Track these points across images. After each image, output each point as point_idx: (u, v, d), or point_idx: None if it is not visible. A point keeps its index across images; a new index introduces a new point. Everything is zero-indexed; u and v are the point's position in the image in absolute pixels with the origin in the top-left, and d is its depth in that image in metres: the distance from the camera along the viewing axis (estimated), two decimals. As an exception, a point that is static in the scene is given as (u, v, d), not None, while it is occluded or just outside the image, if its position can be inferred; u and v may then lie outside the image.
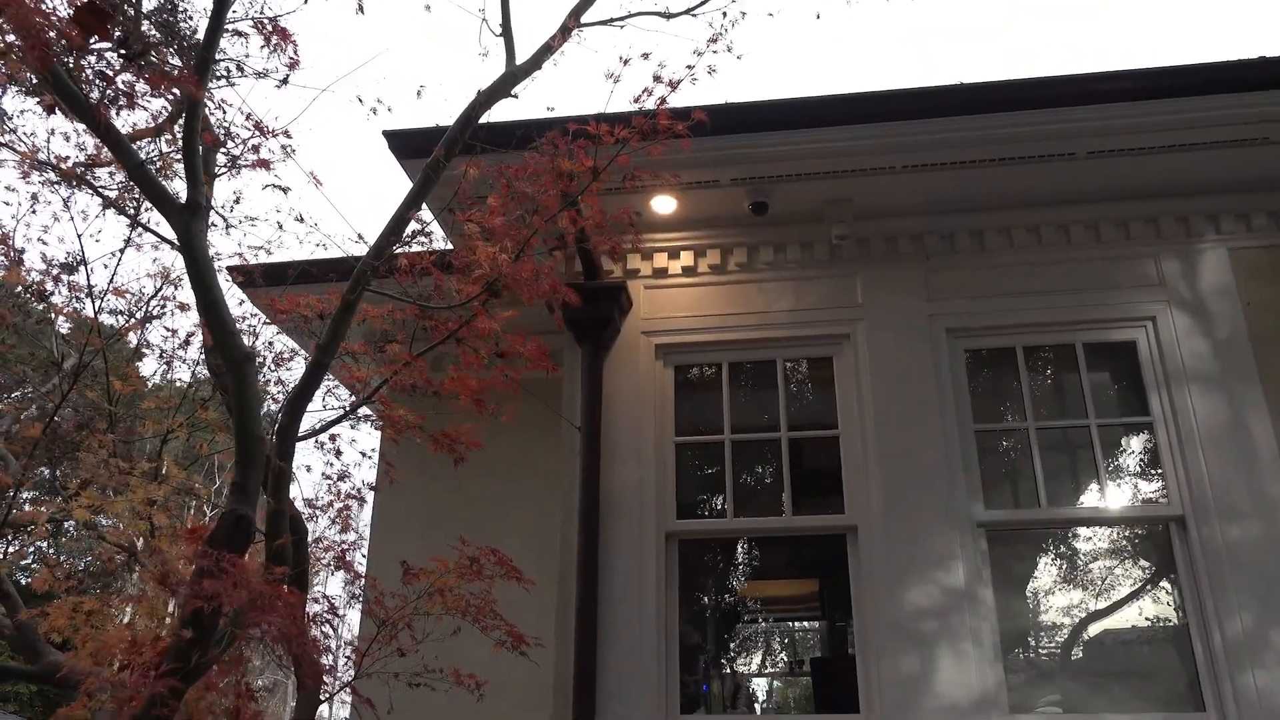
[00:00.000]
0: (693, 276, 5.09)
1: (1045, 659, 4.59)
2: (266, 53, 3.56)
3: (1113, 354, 4.80)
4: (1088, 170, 4.64)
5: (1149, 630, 4.55)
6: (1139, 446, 4.70)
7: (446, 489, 5.82)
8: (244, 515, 2.73)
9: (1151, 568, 4.60)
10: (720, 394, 4.96)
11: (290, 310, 3.54)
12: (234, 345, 2.97)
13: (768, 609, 12.02)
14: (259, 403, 3.00)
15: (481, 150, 3.52)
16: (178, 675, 2.41)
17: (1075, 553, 4.78)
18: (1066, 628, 4.66)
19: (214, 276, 3.00)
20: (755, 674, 13.84)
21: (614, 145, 3.32)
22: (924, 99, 4.40)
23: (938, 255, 4.94)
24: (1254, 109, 4.28)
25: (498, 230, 3.14)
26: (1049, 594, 4.69)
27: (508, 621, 4.07)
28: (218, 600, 2.42)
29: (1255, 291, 4.64)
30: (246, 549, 2.75)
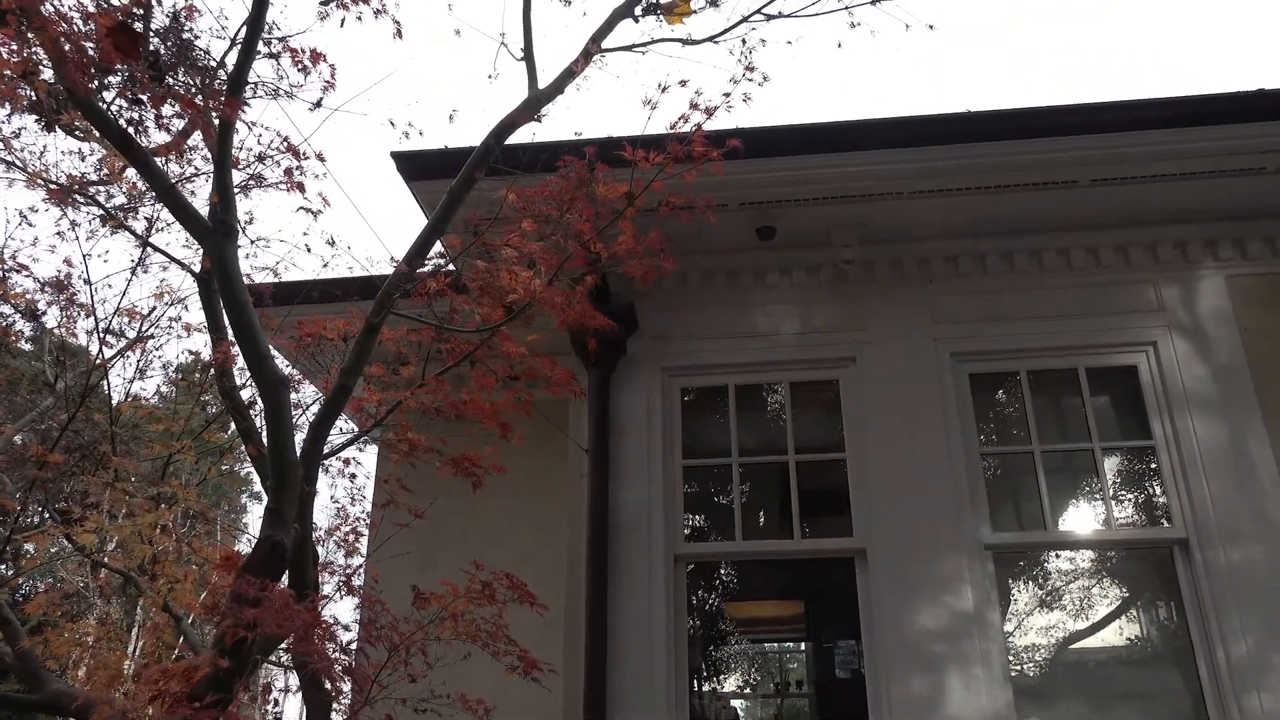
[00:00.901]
0: (700, 299, 5.11)
1: (1052, 680, 4.62)
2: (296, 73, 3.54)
3: (1115, 378, 4.86)
4: (1089, 197, 4.71)
5: (1154, 652, 4.60)
6: (1142, 470, 4.77)
7: (446, 512, 5.78)
8: (279, 541, 2.70)
9: (1156, 590, 4.66)
10: (727, 416, 4.98)
11: (315, 333, 3.51)
12: (269, 369, 2.94)
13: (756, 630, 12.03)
14: (293, 427, 2.97)
15: (505, 173, 3.53)
16: (217, 706, 2.37)
17: (1081, 575, 4.82)
18: (1073, 649, 4.70)
19: (247, 299, 2.97)
20: (743, 695, 13.82)
21: (651, 169, 3.34)
22: (932, 127, 4.46)
23: (942, 279, 5.00)
24: (1253, 140, 4.38)
25: (533, 254, 3.14)
26: (1055, 616, 4.73)
27: (520, 647, 4.04)
28: (258, 629, 2.38)
29: (1252, 318, 4.73)
30: (282, 575, 2.72)
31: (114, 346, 5.68)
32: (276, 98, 3.43)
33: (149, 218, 4.77)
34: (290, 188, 3.59)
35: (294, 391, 5.17)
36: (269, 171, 3.73)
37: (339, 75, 3.62)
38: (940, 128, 4.43)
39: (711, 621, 11.29)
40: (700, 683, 9.94)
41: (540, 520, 5.78)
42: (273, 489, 2.87)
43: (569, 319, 3.30)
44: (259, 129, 3.90)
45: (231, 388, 3.72)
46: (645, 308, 5.05)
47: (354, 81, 7.01)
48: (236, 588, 2.47)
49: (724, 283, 5.13)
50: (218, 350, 3.66)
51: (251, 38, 3.00)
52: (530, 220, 3.24)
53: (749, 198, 4.66)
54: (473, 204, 3.66)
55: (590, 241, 3.27)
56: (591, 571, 4.52)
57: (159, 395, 8.06)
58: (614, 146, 3.49)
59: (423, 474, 4.63)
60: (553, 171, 3.47)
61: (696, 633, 10.51)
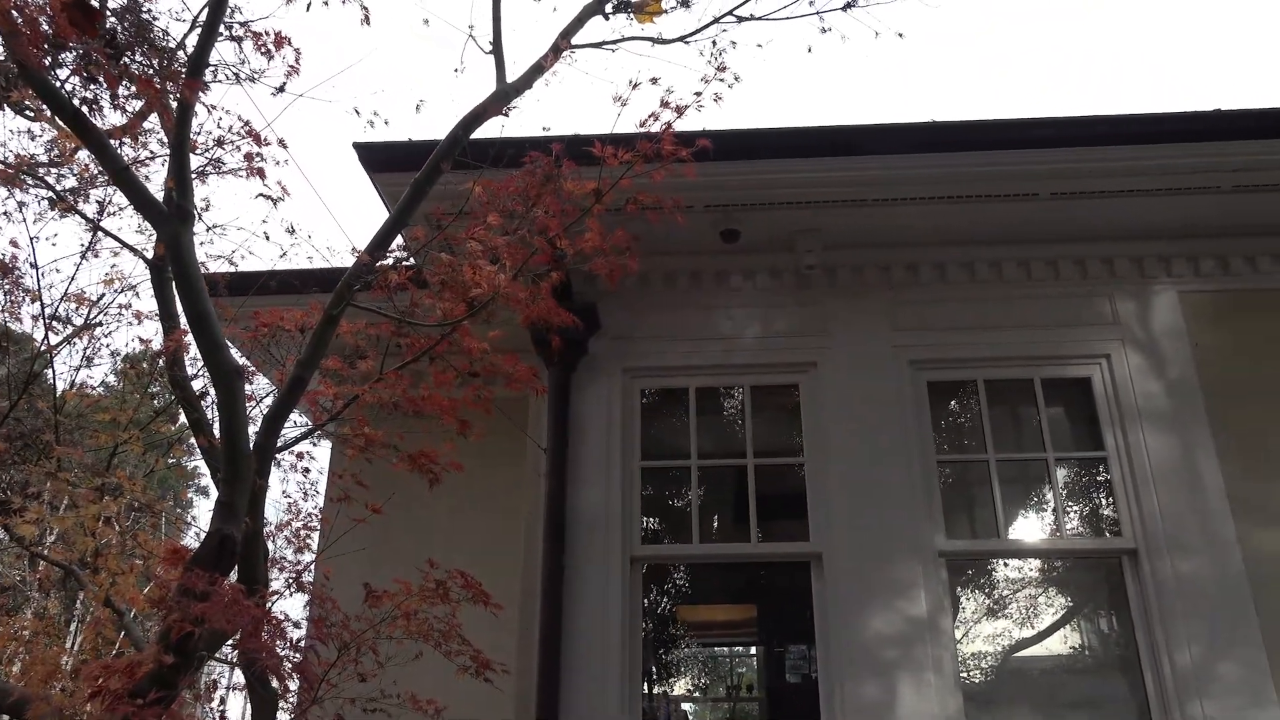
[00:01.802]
0: (663, 300, 5.10)
1: (1001, 687, 4.67)
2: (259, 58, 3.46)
3: (1069, 390, 4.93)
4: (1049, 210, 4.78)
5: (1102, 660, 4.67)
6: (1094, 481, 4.84)
7: (401, 509, 5.70)
8: (229, 535, 2.63)
9: (1105, 600, 4.73)
10: (687, 418, 4.97)
11: (272, 324, 3.43)
12: (224, 359, 2.86)
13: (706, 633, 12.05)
14: (247, 419, 2.90)
15: (471, 167, 3.48)
16: (160, 703, 2.30)
17: (1032, 583, 4.88)
18: (1023, 657, 4.75)
19: (203, 287, 2.89)
20: (695, 699, 13.82)
21: (619, 167, 3.31)
22: (894, 135, 4.49)
23: (902, 287, 5.03)
24: (1209, 159, 4.46)
25: (499, 248, 3.10)
26: (1006, 623, 4.78)
27: (474, 647, 3.99)
28: (206, 625, 2.31)
29: (1204, 334, 4.82)
30: (231, 570, 2.65)
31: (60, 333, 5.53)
32: (239, 82, 3.35)
33: (101, 201, 4.65)
34: (250, 173, 3.52)
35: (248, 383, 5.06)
36: (229, 157, 3.65)
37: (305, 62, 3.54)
38: (903, 137, 4.46)
39: (665, 624, 11.28)
40: (652, 685, 9.92)
41: (497, 520, 5.73)
42: (224, 482, 2.79)
43: (533, 315, 3.27)
44: (219, 113, 3.81)
45: (183, 378, 3.63)
46: (608, 307, 5.02)
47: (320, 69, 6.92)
48: (184, 582, 2.40)
49: (687, 284, 5.12)
50: (169, 339, 3.57)
51: (213, 18, 2.92)
52: (496, 214, 3.19)
53: (714, 200, 4.65)
54: (437, 197, 3.61)
55: (556, 238, 3.23)
56: (547, 572, 4.48)
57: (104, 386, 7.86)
58: (582, 143, 3.46)
59: (378, 470, 4.56)
60: (519, 167, 3.43)
61: (649, 635, 10.50)
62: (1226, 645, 4.23)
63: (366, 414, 4.47)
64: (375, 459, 3.78)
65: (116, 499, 4.93)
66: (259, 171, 3.51)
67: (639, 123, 3.32)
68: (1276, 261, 4.93)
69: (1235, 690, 4.15)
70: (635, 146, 3.34)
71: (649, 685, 9.49)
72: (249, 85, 3.42)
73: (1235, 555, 4.37)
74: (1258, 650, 4.20)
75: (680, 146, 3.35)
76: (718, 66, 3.45)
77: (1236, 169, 4.49)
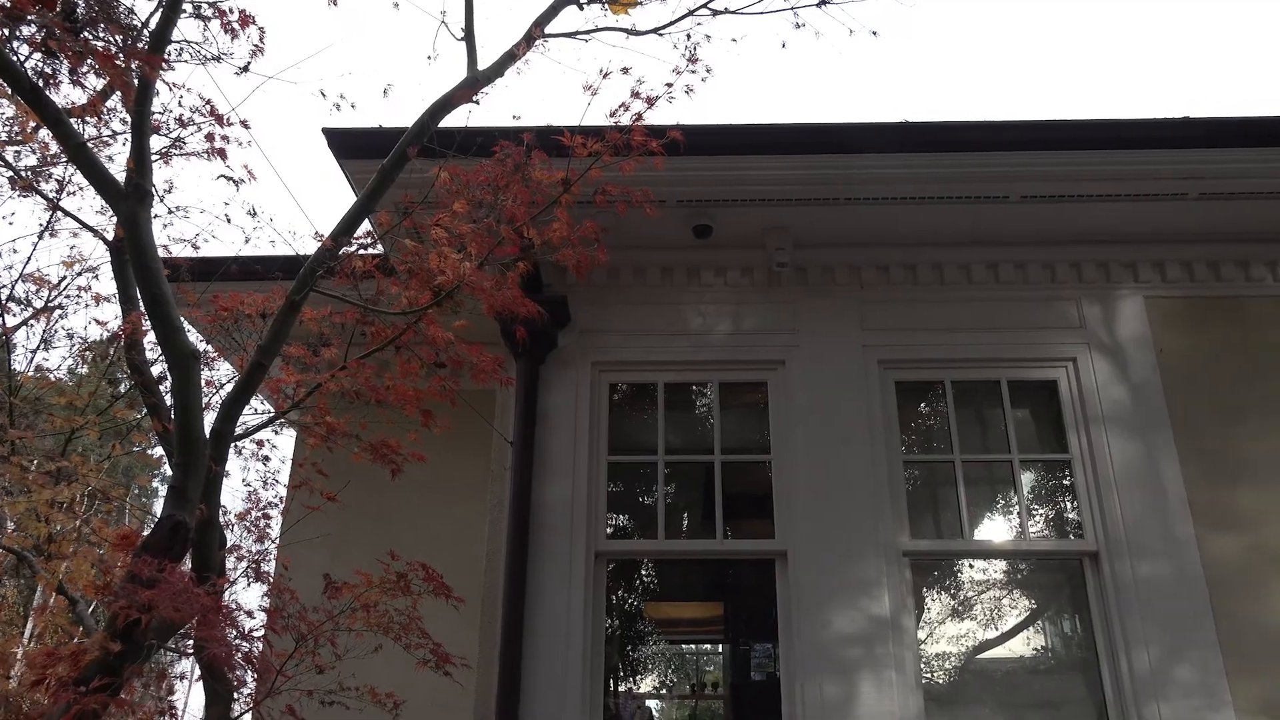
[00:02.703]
0: (633, 294, 5.08)
1: (962, 687, 4.69)
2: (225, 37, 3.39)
3: (1035, 392, 4.96)
4: (1018, 213, 4.80)
5: (1062, 661, 4.70)
6: (1057, 483, 4.87)
7: (364, 500, 5.65)
8: (181, 521, 2.58)
9: (1067, 601, 4.76)
10: (655, 414, 4.95)
11: (231, 308, 3.37)
12: (179, 343, 2.81)
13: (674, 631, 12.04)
14: (202, 404, 2.84)
15: (440, 154, 3.44)
16: (105, 691, 2.25)
17: (994, 584, 4.90)
18: (984, 657, 4.77)
19: (160, 269, 2.83)
20: (660, 695, 13.82)
21: (587, 158, 3.28)
22: (866, 134, 4.49)
23: (872, 287, 5.04)
24: (1173, 166, 4.51)
25: (465, 236, 3.06)
26: (968, 623, 4.80)
27: (433, 640, 3.95)
28: (154, 612, 2.26)
29: (1168, 339, 4.87)
30: (182, 557, 2.59)
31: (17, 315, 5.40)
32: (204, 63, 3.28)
33: (60, 180, 4.55)
34: (211, 154, 3.45)
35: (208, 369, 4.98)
36: (192, 138, 3.58)
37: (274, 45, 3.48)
38: (875, 137, 4.46)
39: (630, 620, 11.26)
40: (616, 682, 9.90)
41: (461, 512, 5.68)
42: (178, 467, 2.74)
43: (498, 304, 3.23)
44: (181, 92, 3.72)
45: (141, 362, 3.55)
46: (578, 301, 4.99)
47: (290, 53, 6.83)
48: (132, 568, 2.35)
49: (659, 279, 5.10)
50: (127, 321, 3.50)
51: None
52: (463, 202, 3.15)
53: (686, 195, 4.64)
54: (404, 185, 3.56)
55: (523, 227, 3.20)
56: (510, 566, 4.44)
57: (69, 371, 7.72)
58: (553, 133, 3.43)
59: (341, 461, 4.50)
60: (489, 156, 3.39)
61: (615, 631, 10.47)
62: (1183, 647, 4.27)
63: (331, 403, 4.42)
64: (338, 448, 3.73)
65: (71, 485, 4.83)
66: (220, 152, 3.45)
67: (609, 113, 3.30)
68: (1240, 268, 4.99)
69: (1191, 692, 4.19)
70: (605, 137, 3.32)
71: (615, 682, 9.47)
72: (214, 66, 3.36)
73: (1194, 558, 4.42)
74: (1214, 652, 4.25)
75: (650, 138, 3.33)
76: (689, 58, 3.42)
77: (1203, 176, 4.54)
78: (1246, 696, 4.18)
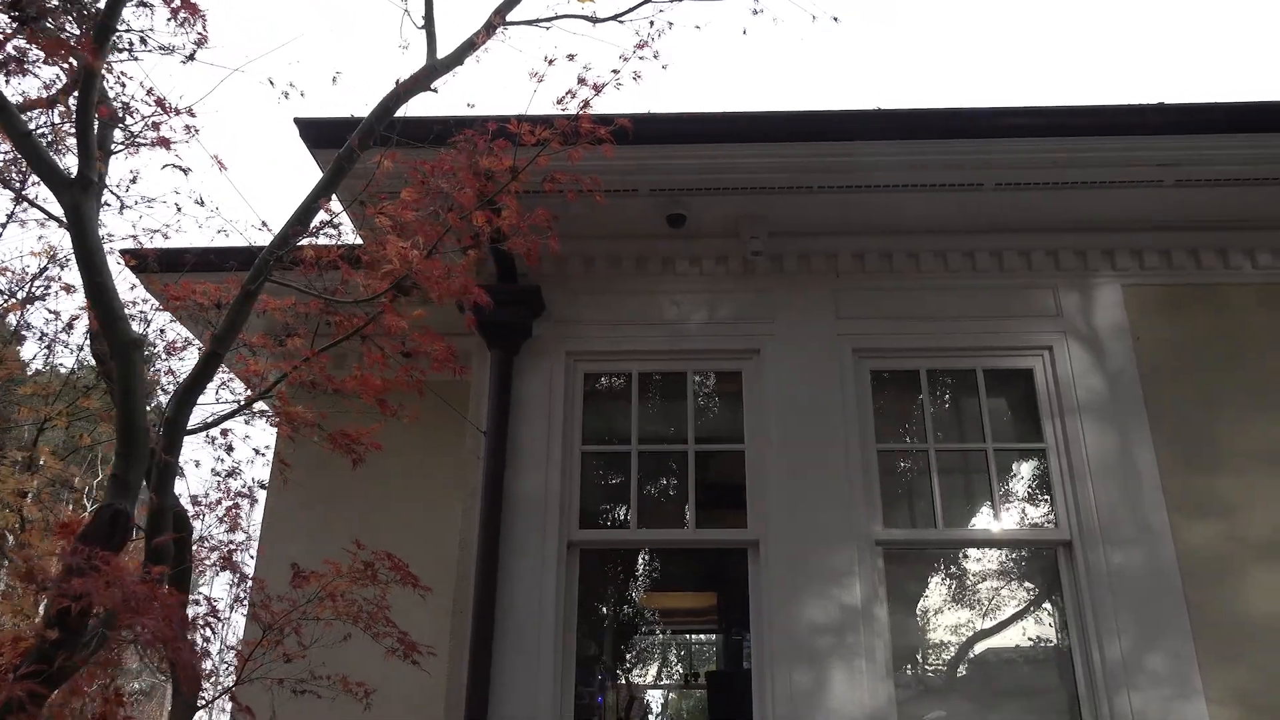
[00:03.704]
0: (608, 284, 5.06)
1: (935, 676, 4.68)
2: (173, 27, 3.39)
3: (1011, 381, 4.94)
4: (994, 201, 4.77)
5: (1035, 650, 4.68)
6: (1032, 472, 4.85)
7: (342, 490, 5.66)
8: (121, 510, 2.58)
9: (1040, 590, 4.74)
10: (629, 403, 4.94)
11: (184, 297, 3.37)
12: (121, 331, 2.81)
13: (667, 620, 12.03)
14: (146, 392, 2.84)
15: (398, 144, 3.43)
16: (40, 678, 2.25)
17: (968, 573, 4.89)
18: (957, 646, 4.76)
19: (103, 258, 2.83)
20: (651, 686, 13.82)
21: (534, 146, 3.27)
22: (838, 122, 4.46)
23: (848, 275, 5.02)
24: (1149, 153, 4.47)
25: (410, 225, 3.05)
26: (941, 613, 4.79)
27: (400, 629, 3.95)
28: (87, 600, 2.27)
29: (1145, 327, 4.83)
30: (124, 546, 2.60)
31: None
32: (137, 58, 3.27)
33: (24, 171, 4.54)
34: (156, 143, 3.44)
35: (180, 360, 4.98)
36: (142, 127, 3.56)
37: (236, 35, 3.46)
38: (846, 124, 4.44)
39: (622, 611, 11.26)
40: (603, 671, 9.89)
41: (443, 504, 5.68)
42: (119, 455, 2.73)
43: (447, 292, 3.22)
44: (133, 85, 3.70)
45: (104, 352, 3.55)
46: (552, 291, 4.98)
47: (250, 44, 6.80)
48: (68, 557, 2.36)
49: (632, 269, 5.08)
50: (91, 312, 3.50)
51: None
52: (410, 190, 3.14)
53: (658, 184, 4.62)
54: (363, 174, 3.55)
55: (471, 214, 3.18)
56: (482, 555, 4.44)
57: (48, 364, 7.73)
58: (504, 122, 3.41)
59: (321, 454, 4.51)
60: (444, 144, 3.38)
61: (607, 623, 10.48)
62: (1156, 637, 4.25)
63: (299, 394, 4.43)
64: (303, 439, 3.73)
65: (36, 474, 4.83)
66: (164, 141, 3.44)
67: (556, 100, 3.28)
68: (1219, 256, 4.95)
69: (1162, 681, 4.18)
70: (554, 125, 3.30)
71: (604, 673, 9.47)
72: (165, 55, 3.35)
73: (1168, 548, 4.40)
74: (1186, 641, 4.23)
75: (599, 125, 3.31)
76: (638, 44, 3.40)
77: (1178, 163, 4.50)
78: (1218, 685, 4.16)
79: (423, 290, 3.19)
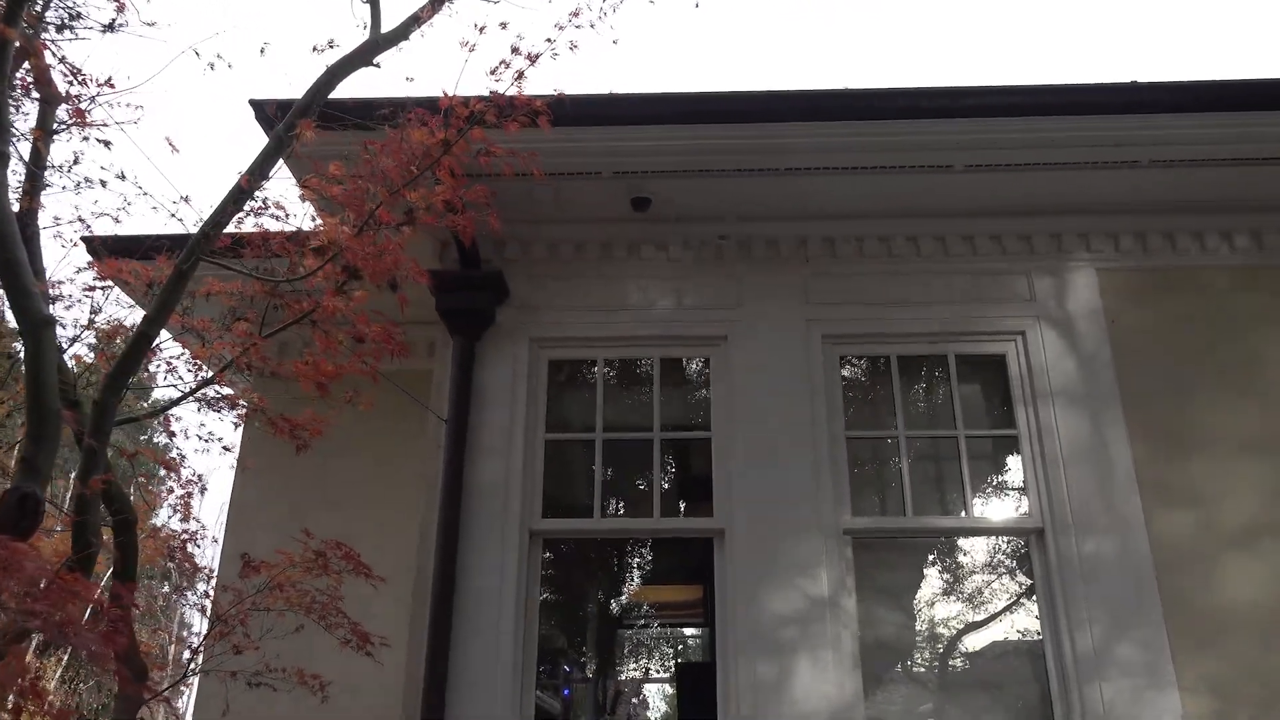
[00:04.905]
0: (573, 269, 4.97)
1: (903, 669, 4.59)
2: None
3: (983, 367, 4.84)
4: (965, 184, 4.67)
5: (1005, 640, 4.59)
6: (1005, 459, 4.75)
7: (309, 481, 5.58)
8: (29, 494, 2.49)
9: (1012, 580, 4.65)
10: (594, 391, 4.85)
11: (111, 276, 3.29)
12: (32, 309, 2.72)
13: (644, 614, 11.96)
14: (57, 372, 2.76)
15: (339, 122, 3.34)
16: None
17: (939, 563, 4.80)
18: (927, 637, 4.67)
19: (14, 232, 2.75)
20: (623, 680, 13.73)
21: (467, 120, 3.17)
22: (797, 101, 4.36)
23: (818, 260, 4.92)
24: (1123, 132, 4.36)
25: (337, 199, 2.96)
26: (911, 603, 4.70)
27: (352, 620, 3.88)
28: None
29: (1121, 312, 4.74)
30: (32, 531, 2.52)
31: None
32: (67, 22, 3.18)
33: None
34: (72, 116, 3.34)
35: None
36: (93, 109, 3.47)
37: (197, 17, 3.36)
38: (808, 104, 4.34)
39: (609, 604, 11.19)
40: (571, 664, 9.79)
41: (408, 495, 5.60)
42: (29, 438, 2.65)
43: (378, 270, 3.13)
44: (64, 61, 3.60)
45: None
46: (516, 276, 4.89)
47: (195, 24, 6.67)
48: (-34, 542, 2.28)
49: (597, 254, 4.99)
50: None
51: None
52: (338, 164, 3.06)
53: (620, 166, 4.52)
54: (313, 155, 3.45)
55: (400, 190, 3.10)
56: (441, 545, 4.35)
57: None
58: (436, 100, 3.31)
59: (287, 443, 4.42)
60: (386, 121, 3.29)
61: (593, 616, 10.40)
62: (1128, 626, 4.16)
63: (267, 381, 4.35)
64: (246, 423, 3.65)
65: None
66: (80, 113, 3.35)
67: (489, 71, 3.19)
68: (1195, 239, 4.85)
69: (1134, 671, 4.09)
70: (491, 98, 3.20)
71: (572, 666, 9.40)
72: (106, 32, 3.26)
73: (1141, 536, 4.31)
74: (1158, 631, 4.14)
75: (533, 99, 3.22)
76: (571, 11, 3.31)
77: (1154, 143, 4.40)
78: (1191, 675, 4.07)
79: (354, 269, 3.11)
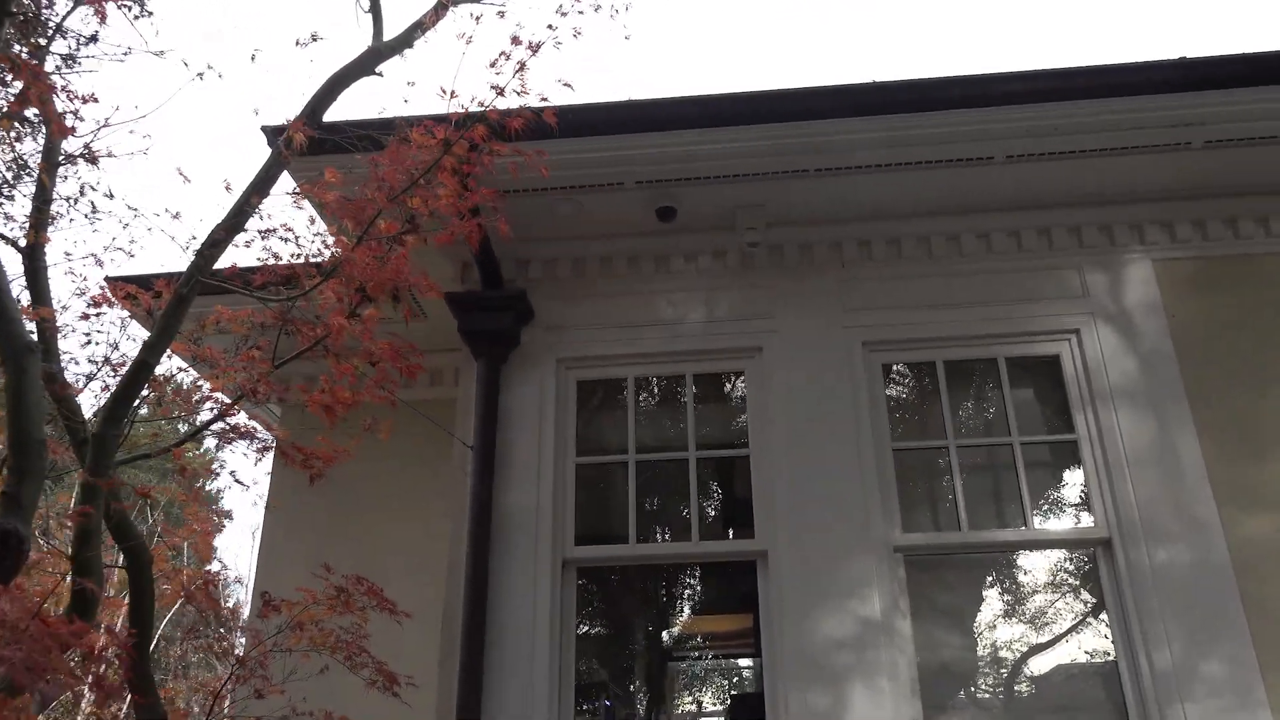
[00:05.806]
0: (599, 286, 4.79)
1: (966, 695, 4.29)
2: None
3: (1036, 369, 4.57)
4: (1007, 175, 4.43)
5: (1074, 661, 4.27)
6: (1064, 466, 4.45)
7: (332, 516, 5.43)
8: (10, 531, 2.35)
9: (1078, 594, 4.34)
10: (625, 411, 4.65)
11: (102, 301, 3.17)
12: (14, 334, 2.59)
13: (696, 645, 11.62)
14: (41, 402, 2.62)
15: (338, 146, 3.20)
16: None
17: (999, 581, 4.50)
18: (989, 661, 4.37)
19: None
20: (677, 715, 13.35)
21: (468, 118, 3.01)
22: (829, 98, 4.15)
23: (854, 264, 4.70)
24: (1172, 112, 4.10)
25: (332, 204, 2.81)
26: (970, 624, 4.40)
27: (377, 659, 3.69)
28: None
29: (1180, 305, 4.45)
30: (17, 568, 2.36)
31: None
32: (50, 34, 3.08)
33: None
34: (57, 132, 3.23)
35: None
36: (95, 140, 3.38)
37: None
38: (841, 100, 4.13)
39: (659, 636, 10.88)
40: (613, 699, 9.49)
41: (431, 524, 5.42)
42: (12, 470, 2.51)
43: (379, 282, 2.97)
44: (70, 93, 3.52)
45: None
46: (541, 295, 4.73)
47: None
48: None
49: (624, 269, 4.81)
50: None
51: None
52: (333, 170, 2.91)
53: (643, 175, 4.35)
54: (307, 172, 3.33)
55: (400, 195, 2.94)
56: (471, 578, 4.15)
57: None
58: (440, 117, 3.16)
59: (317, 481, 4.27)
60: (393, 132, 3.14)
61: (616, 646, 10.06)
62: (1210, 642, 3.84)
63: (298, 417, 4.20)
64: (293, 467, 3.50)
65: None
66: (60, 122, 3.23)
67: (489, 63, 3.02)
68: (1260, 224, 4.55)
69: (1220, 691, 3.77)
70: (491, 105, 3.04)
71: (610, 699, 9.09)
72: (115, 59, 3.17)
73: (1219, 543, 3.99)
74: (1244, 646, 3.81)
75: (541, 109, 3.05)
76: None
77: (1205, 122, 4.13)
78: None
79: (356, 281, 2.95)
